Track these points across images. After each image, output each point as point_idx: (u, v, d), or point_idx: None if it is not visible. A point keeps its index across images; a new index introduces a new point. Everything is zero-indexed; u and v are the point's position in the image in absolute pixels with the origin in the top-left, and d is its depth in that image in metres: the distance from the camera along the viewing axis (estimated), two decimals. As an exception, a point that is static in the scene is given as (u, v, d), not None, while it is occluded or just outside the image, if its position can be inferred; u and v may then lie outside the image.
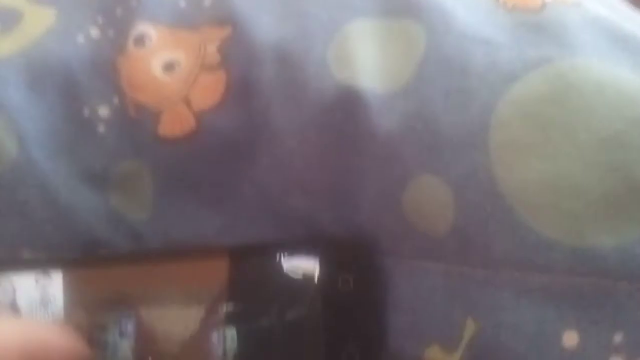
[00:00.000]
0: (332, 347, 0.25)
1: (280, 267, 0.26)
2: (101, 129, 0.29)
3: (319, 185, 0.27)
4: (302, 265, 0.26)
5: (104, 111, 0.29)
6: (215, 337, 0.25)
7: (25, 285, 0.27)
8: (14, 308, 0.27)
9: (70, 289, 0.27)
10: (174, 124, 0.28)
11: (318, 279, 0.26)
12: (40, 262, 0.28)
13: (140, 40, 0.30)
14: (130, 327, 0.26)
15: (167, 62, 0.29)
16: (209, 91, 0.28)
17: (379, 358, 0.26)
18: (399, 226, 0.26)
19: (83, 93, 0.29)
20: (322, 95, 0.27)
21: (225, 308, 0.26)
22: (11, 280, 0.27)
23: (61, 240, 0.28)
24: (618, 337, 0.21)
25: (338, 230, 0.27)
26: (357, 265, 0.26)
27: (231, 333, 0.25)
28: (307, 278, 0.26)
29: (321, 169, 0.27)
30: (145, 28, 0.30)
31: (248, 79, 0.28)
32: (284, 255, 0.26)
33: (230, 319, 0.26)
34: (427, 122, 0.25)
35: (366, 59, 0.27)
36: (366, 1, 0.29)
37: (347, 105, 0.26)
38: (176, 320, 0.26)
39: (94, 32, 0.31)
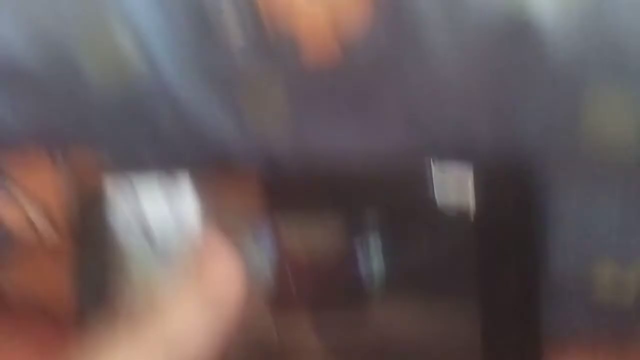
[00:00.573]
0: (491, 269, 0.24)
1: (434, 186, 0.25)
2: (232, 47, 0.28)
3: (478, 100, 0.26)
4: (457, 184, 0.25)
5: (236, 30, 0.28)
6: (360, 254, 0.25)
7: (154, 195, 0.27)
8: (142, 218, 0.27)
9: (206, 197, 0.27)
10: (319, 51, 0.27)
11: (476, 197, 0.25)
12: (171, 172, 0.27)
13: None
14: (268, 240, 0.26)
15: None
16: (355, 14, 0.27)
17: (542, 278, 0.25)
18: (569, 145, 0.25)
19: (212, 7, 0.28)
20: (486, 19, 0.25)
21: (372, 224, 0.25)
22: (139, 189, 0.27)
23: (192, 154, 0.28)
24: None
25: (496, 145, 0.26)
26: (517, 184, 0.25)
27: (378, 251, 0.25)
28: (463, 197, 0.25)
29: (481, 84, 0.26)
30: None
31: (400, 1, 0.26)
32: (437, 174, 0.25)
33: (378, 237, 0.25)
34: (610, 39, 0.24)
35: None
36: None
37: (515, 29, 0.25)
38: (319, 235, 0.25)
39: None
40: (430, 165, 0.25)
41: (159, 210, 0.26)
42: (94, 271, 0.26)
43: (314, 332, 0.25)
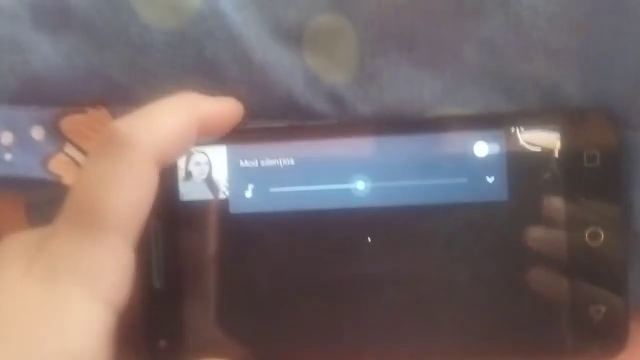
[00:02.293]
0: (575, 225, 0.23)
1: (519, 140, 0.24)
2: None
3: (567, 50, 0.24)
4: (543, 139, 0.23)
5: None
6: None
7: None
8: (211, 185, 0.25)
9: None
10: None
11: (560, 153, 0.23)
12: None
13: None
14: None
15: None
16: None
17: (625, 236, 0.23)
18: None
19: None
20: None
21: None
22: (208, 154, 0.25)
23: (258, 103, 0.25)
24: None
25: (585, 102, 0.24)
26: (605, 140, 0.23)
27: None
28: (549, 152, 0.23)
29: (571, 30, 0.24)
30: None
31: None
32: (523, 128, 0.24)
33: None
34: None
35: None
36: None
37: None
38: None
39: None
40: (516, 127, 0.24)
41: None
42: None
43: None
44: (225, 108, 0.24)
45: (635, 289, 0.23)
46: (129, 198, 0.21)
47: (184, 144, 0.23)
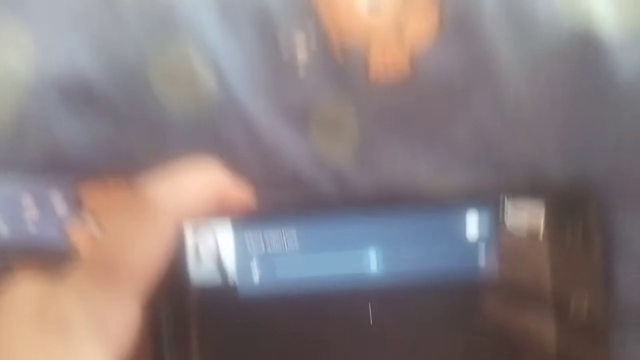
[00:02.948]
0: (559, 296, 0.25)
1: (504, 214, 0.25)
2: (301, 69, 0.28)
3: (549, 132, 0.26)
4: (527, 213, 0.25)
5: (303, 52, 0.28)
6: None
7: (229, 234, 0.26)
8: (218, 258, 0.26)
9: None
10: (387, 66, 0.27)
11: (545, 227, 0.25)
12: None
13: (340, -20, 0.29)
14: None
15: (371, 1, 0.28)
16: (421, 30, 0.27)
17: (609, 309, 0.25)
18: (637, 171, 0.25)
19: (280, 31, 0.28)
20: (554, 37, 0.26)
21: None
22: (214, 228, 0.26)
23: (267, 181, 0.28)
24: None
25: (567, 178, 0.26)
26: (587, 215, 0.25)
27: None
28: (533, 226, 0.25)
29: (552, 113, 0.26)
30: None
31: (466, 17, 0.27)
32: (507, 202, 0.25)
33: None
34: None
35: (597, 5, 0.26)
36: None
37: (584, 50, 0.25)
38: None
39: None
40: (503, 201, 0.25)
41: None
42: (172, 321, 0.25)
43: None
44: (239, 188, 0.26)
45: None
46: (147, 257, 0.22)
47: (204, 210, 0.24)
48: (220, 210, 0.25)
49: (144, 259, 0.22)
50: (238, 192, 0.26)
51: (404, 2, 0.28)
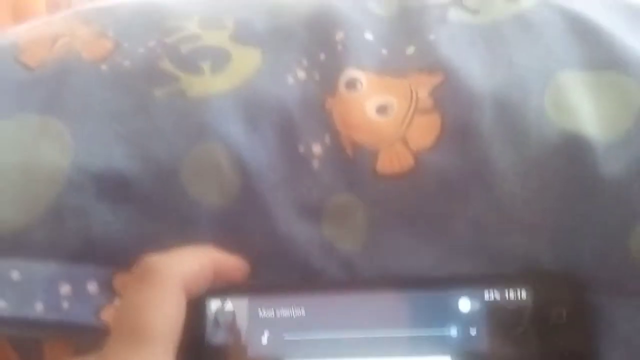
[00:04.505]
0: None
1: (497, 299, 0.28)
2: (316, 164, 0.31)
3: (540, 227, 0.29)
4: (517, 298, 0.27)
5: (317, 148, 0.31)
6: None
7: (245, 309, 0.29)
8: (234, 330, 0.29)
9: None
10: (393, 161, 0.30)
11: (531, 310, 0.27)
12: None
13: (352, 84, 0.32)
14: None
15: (380, 105, 0.31)
16: (424, 132, 0.30)
17: None
18: (623, 268, 0.27)
19: (297, 130, 0.31)
20: (544, 140, 0.29)
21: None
22: (232, 304, 0.29)
23: (279, 269, 0.30)
24: None
25: (557, 268, 0.29)
26: (570, 298, 0.27)
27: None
28: (521, 309, 0.27)
29: (543, 211, 0.29)
30: (355, 73, 0.32)
31: (465, 123, 0.30)
32: (500, 288, 0.28)
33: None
34: None
35: (583, 107, 0.29)
36: (570, 54, 0.31)
37: (572, 151, 0.28)
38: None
39: (301, 74, 0.33)
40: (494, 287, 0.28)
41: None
42: None
43: None
44: (234, 263, 0.30)
45: None
46: (165, 316, 0.26)
47: (204, 280, 0.29)
48: (220, 279, 0.29)
49: (164, 319, 0.26)
50: (232, 263, 0.30)
51: (409, 107, 0.31)
